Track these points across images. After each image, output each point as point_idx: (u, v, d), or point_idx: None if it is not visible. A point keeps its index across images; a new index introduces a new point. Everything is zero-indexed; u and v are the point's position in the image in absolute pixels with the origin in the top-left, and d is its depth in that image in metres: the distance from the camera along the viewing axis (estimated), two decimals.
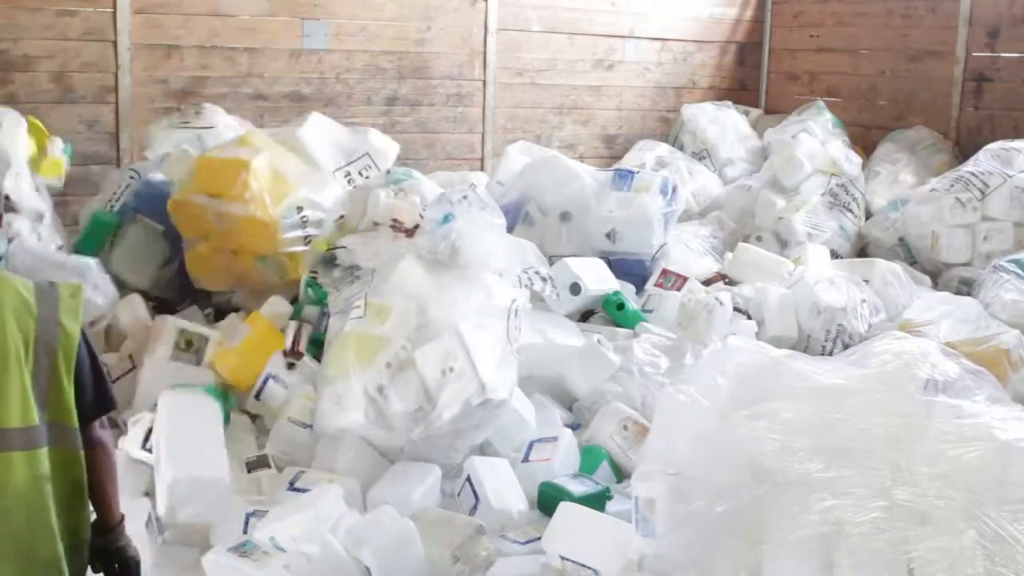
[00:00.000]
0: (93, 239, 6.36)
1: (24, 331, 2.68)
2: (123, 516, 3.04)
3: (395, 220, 5.31)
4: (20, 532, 2.66)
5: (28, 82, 7.52)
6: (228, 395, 4.99)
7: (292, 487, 4.51)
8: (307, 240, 5.90)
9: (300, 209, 5.91)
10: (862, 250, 8.14)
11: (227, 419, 4.88)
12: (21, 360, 2.66)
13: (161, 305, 6.46)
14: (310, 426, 4.83)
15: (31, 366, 2.68)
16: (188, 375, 5.14)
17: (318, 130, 6.49)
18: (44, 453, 2.70)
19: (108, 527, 2.98)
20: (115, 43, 7.74)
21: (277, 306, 5.54)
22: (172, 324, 5.39)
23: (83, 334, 2.83)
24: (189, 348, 5.37)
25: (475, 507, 4.52)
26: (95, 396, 2.89)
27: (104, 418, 2.97)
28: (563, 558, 3.99)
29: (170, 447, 4.28)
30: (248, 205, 5.77)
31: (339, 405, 4.66)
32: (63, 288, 2.84)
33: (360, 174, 6.37)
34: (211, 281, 5.99)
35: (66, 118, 7.61)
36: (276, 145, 6.17)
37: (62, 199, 7.56)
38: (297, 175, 6.04)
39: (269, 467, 4.76)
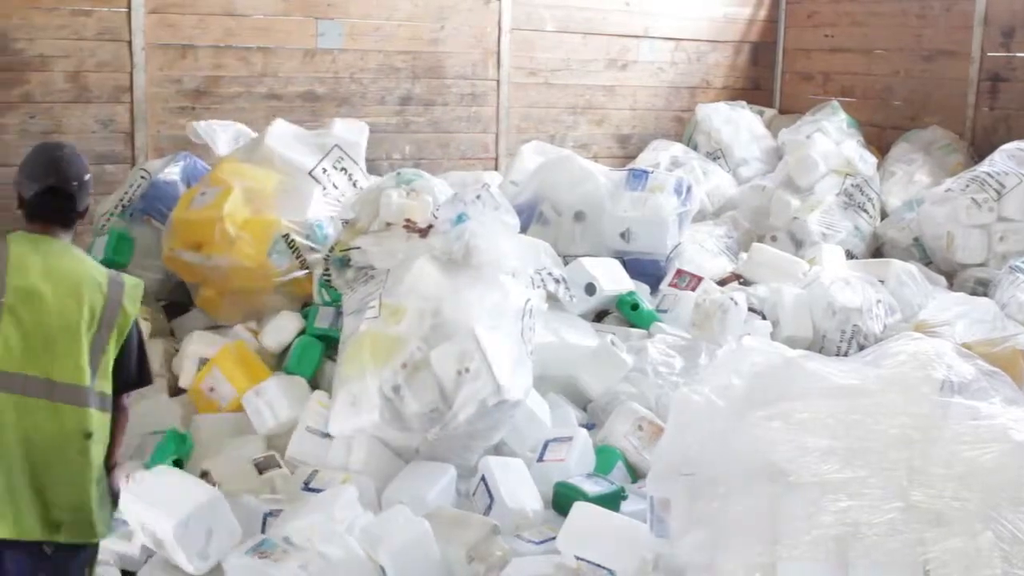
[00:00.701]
0: (120, 251, 6.35)
1: (93, 307, 3.26)
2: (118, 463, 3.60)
3: (408, 220, 5.32)
4: (55, 479, 3.19)
5: (43, 82, 7.54)
6: (186, 437, 4.98)
7: (307, 487, 4.53)
8: (303, 263, 5.91)
9: (287, 237, 5.91)
10: (877, 250, 8.12)
11: (188, 457, 4.89)
12: (85, 330, 3.22)
13: (170, 307, 6.50)
14: (328, 435, 4.84)
15: (91, 336, 3.24)
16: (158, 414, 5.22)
17: (283, 135, 6.48)
18: (91, 414, 3.25)
19: (108, 469, 3.51)
20: (130, 43, 7.76)
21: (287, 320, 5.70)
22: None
23: (136, 319, 3.44)
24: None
25: (490, 507, 4.53)
26: (137, 371, 3.52)
27: None
28: (578, 558, 3.99)
29: (151, 512, 4.02)
30: (232, 255, 5.79)
31: (355, 406, 4.66)
32: (127, 279, 3.45)
33: (335, 167, 6.38)
34: (226, 317, 6.01)
35: (81, 117, 7.64)
36: (249, 168, 6.17)
37: None
38: (276, 198, 6.02)
39: (280, 467, 4.78)
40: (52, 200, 3.37)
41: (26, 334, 3.16)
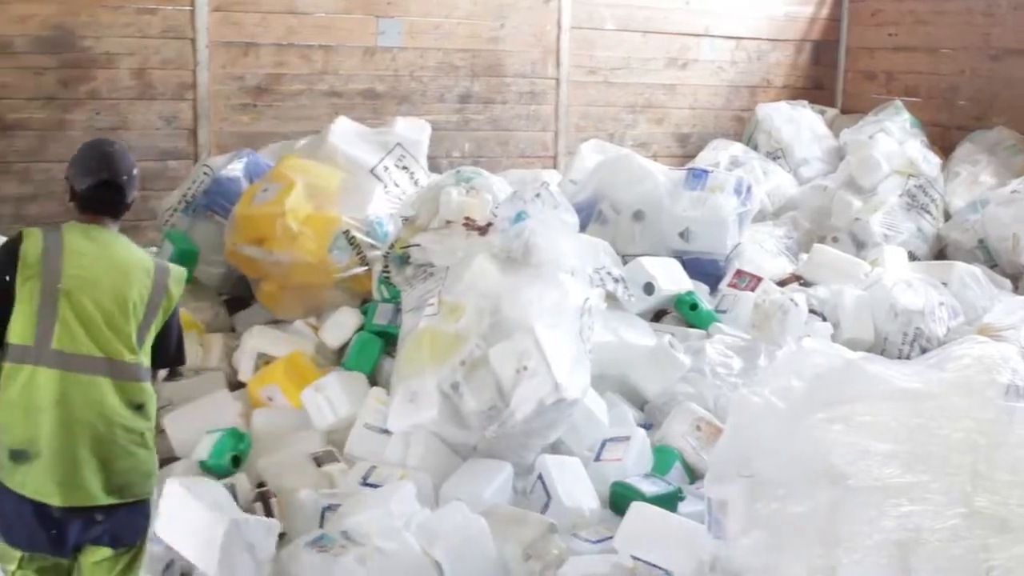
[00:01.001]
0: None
1: (142, 291, 3.51)
2: None
3: (467, 218, 5.33)
4: (117, 447, 3.44)
5: (109, 79, 7.64)
6: (244, 436, 5.02)
7: (365, 482, 4.55)
8: (363, 260, 5.95)
9: (348, 234, 5.96)
10: (940, 252, 8.01)
11: (245, 455, 4.92)
12: (134, 311, 3.48)
13: (231, 301, 6.56)
14: (387, 431, 4.86)
15: (140, 317, 3.50)
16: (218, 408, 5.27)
17: (346, 132, 6.53)
18: (142, 387, 3.52)
19: None
20: (193, 40, 7.84)
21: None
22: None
23: (178, 303, 3.68)
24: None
25: (547, 505, 4.53)
26: (175, 351, 3.77)
27: None
28: (634, 558, 3.99)
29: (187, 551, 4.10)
30: (293, 250, 5.85)
31: (413, 402, 4.68)
32: (171, 266, 3.72)
33: (396, 165, 6.41)
34: (286, 312, 6.07)
35: (145, 114, 7.74)
36: (311, 165, 6.23)
37: (141, 193, 7.67)
38: (338, 195, 6.08)
39: (338, 462, 4.81)
40: (104, 193, 3.58)
41: (83, 318, 3.39)
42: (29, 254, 3.41)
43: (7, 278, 3.38)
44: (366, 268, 5.93)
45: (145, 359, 3.56)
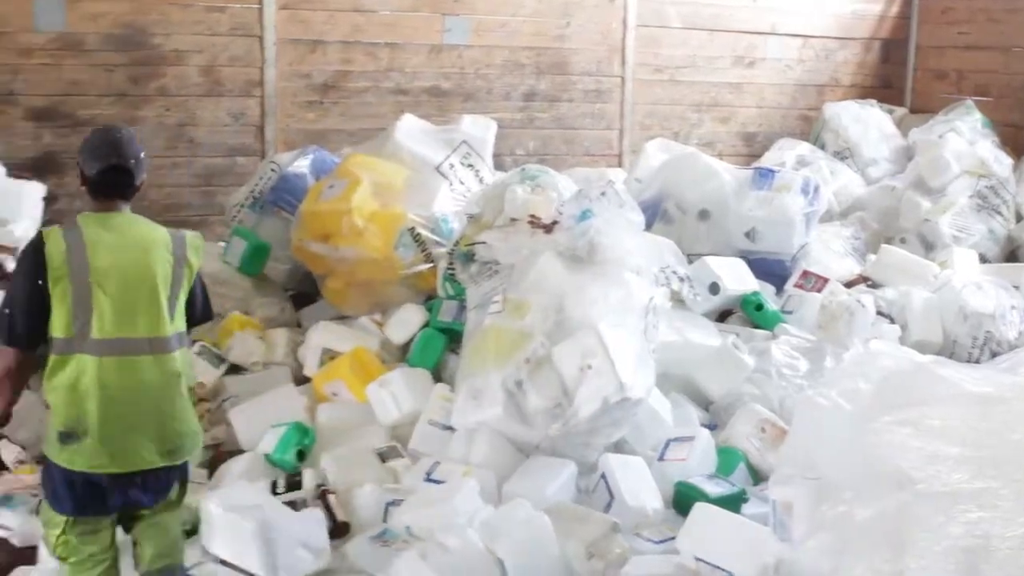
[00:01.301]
0: (254, 263, 6.54)
1: (164, 266, 3.67)
2: None
3: (532, 216, 5.33)
4: (166, 415, 3.65)
5: (178, 76, 7.74)
6: (309, 431, 5.08)
7: (428, 478, 4.58)
8: (428, 257, 5.98)
9: (413, 231, 5.99)
10: (1012, 254, 7.88)
11: (309, 450, 4.98)
12: (162, 287, 3.65)
13: (297, 297, 6.62)
14: (451, 428, 4.88)
15: (168, 291, 3.66)
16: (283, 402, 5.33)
17: (412, 130, 6.56)
18: (176, 355, 3.69)
19: None
20: (261, 38, 7.91)
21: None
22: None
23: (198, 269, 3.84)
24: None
25: (609, 504, 4.52)
26: (203, 309, 3.95)
27: None
28: (698, 559, 3.97)
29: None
30: (359, 247, 5.89)
31: (477, 399, 4.70)
32: (187, 234, 3.84)
33: (462, 163, 6.43)
34: (352, 308, 6.12)
35: (214, 111, 7.83)
36: (377, 162, 6.26)
37: (208, 189, 7.81)
38: (404, 192, 6.13)
39: (402, 457, 4.84)
40: (114, 177, 3.70)
41: (116, 303, 3.56)
42: (54, 255, 3.54)
43: (39, 281, 3.53)
44: (431, 265, 5.96)
45: (179, 324, 3.74)
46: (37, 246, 3.58)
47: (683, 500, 4.54)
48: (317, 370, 5.67)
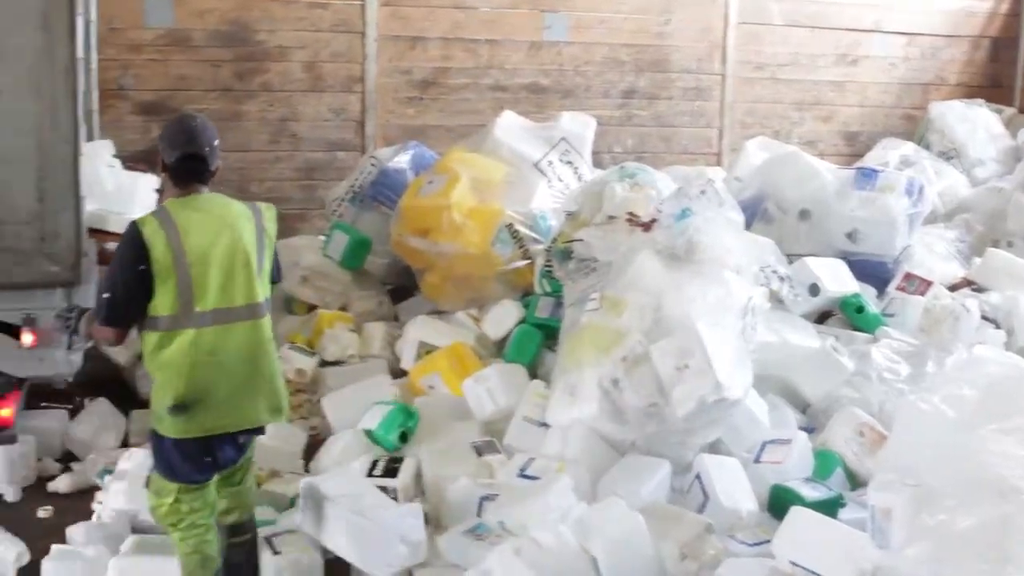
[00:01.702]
0: (356, 257, 6.63)
1: (249, 237, 3.88)
2: None
3: (631, 214, 5.31)
4: (266, 375, 3.92)
5: (282, 71, 7.86)
6: (414, 413, 5.12)
7: (523, 474, 4.58)
8: (526, 253, 5.99)
9: (511, 227, 6.01)
10: None
11: (413, 432, 5.03)
12: (252, 257, 3.86)
13: (395, 291, 6.68)
14: (546, 424, 4.89)
15: (256, 261, 3.88)
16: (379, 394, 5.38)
17: (511, 126, 6.58)
18: (268, 319, 3.94)
19: None
20: (363, 34, 8.01)
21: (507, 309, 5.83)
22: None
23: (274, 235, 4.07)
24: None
25: (704, 505, 4.49)
26: (277, 273, 4.14)
27: None
28: (793, 563, 3.91)
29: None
30: (458, 242, 5.95)
31: (573, 396, 4.70)
32: (261, 205, 4.06)
33: (561, 160, 6.43)
34: (449, 303, 6.19)
35: (316, 106, 7.94)
36: (477, 158, 6.29)
37: (309, 183, 7.92)
38: (502, 188, 6.17)
39: (498, 452, 4.86)
40: (191, 164, 3.90)
41: (213, 277, 3.79)
42: (153, 241, 3.73)
43: (140, 267, 3.72)
44: (528, 261, 5.98)
45: (267, 292, 3.99)
46: (135, 235, 3.76)
47: (779, 503, 4.49)
48: (414, 364, 5.73)
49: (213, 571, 3.92)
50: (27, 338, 4.91)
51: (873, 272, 6.38)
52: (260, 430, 4.05)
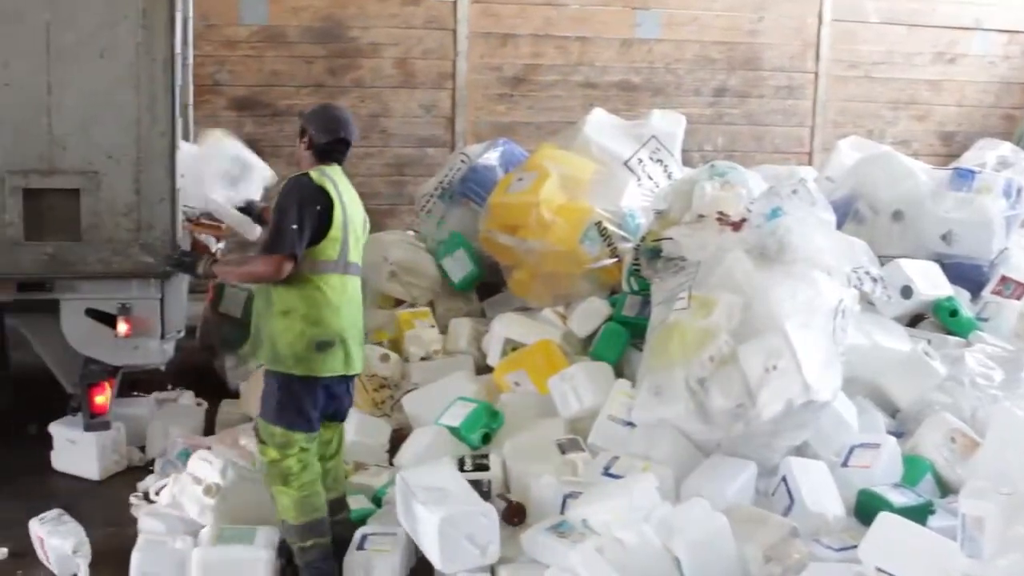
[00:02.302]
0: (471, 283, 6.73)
1: (363, 212, 4.59)
2: None
3: (721, 213, 5.27)
4: (362, 328, 4.55)
5: (374, 68, 7.95)
6: (499, 414, 5.15)
7: (606, 472, 4.58)
8: (614, 251, 5.98)
9: (599, 225, 6.00)
10: None
11: (494, 433, 5.08)
12: (366, 226, 4.61)
13: (482, 288, 6.71)
14: (631, 424, 4.88)
15: (366, 230, 4.61)
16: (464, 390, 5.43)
17: (601, 124, 6.55)
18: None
19: None
20: (454, 31, 8.07)
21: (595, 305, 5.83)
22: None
23: None
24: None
25: (789, 508, 4.44)
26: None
27: None
28: (879, 570, 3.85)
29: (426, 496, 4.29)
30: (546, 239, 5.95)
31: (659, 395, 4.68)
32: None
33: (651, 158, 6.39)
34: (535, 299, 6.20)
35: (406, 102, 8.02)
36: (566, 155, 6.28)
37: (399, 179, 8.00)
38: (592, 186, 6.15)
39: (582, 450, 4.85)
40: (341, 147, 4.51)
41: (352, 235, 4.41)
42: (330, 191, 4.32)
43: (318, 208, 4.27)
44: (616, 260, 5.97)
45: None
46: (315, 186, 4.32)
47: (866, 508, 4.43)
48: (499, 360, 5.75)
49: (319, 518, 4.30)
50: (122, 327, 5.05)
51: (967, 275, 6.25)
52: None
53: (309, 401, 4.30)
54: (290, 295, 4.29)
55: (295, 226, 4.24)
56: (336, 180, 4.39)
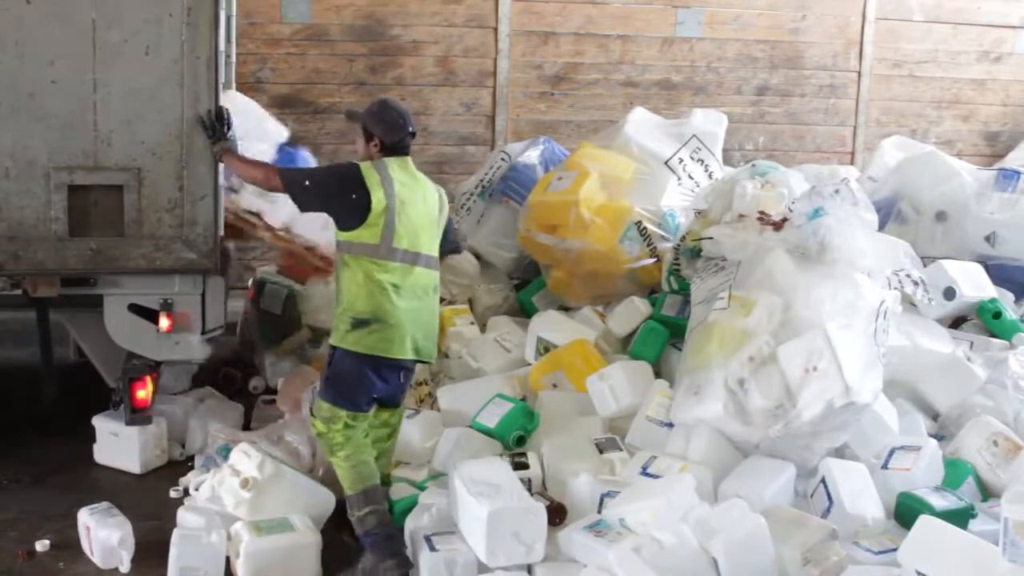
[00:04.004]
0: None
1: (435, 204, 4.71)
2: None
3: (762, 212, 5.25)
4: (428, 317, 4.65)
5: (415, 66, 7.98)
6: (535, 415, 5.15)
7: (644, 472, 4.57)
8: (653, 251, 5.96)
9: (639, 224, 5.98)
10: None
11: (530, 435, 5.07)
12: (438, 218, 4.72)
13: (521, 286, 6.71)
14: (669, 424, 4.87)
15: (439, 222, 4.73)
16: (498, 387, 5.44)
17: (642, 123, 6.53)
18: (437, 273, 4.69)
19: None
20: (495, 29, 8.08)
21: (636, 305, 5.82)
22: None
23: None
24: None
25: (828, 510, 4.42)
26: (455, 241, 5.15)
27: None
28: (919, 573, 3.83)
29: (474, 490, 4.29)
30: (585, 238, 5.93)
31: (698, 395, 4.66)
32: (438, 186, 4.83)
33: (692, 158, 6.37)
34: (574, 299, 6.21)
35: (447, 100, 8.04)
36: (606, 155, 6.27)
37: (439, 176, 8.00)
38: (632, 186, 6.13)
39: (620, 450, 4.85)
40: (408, 140, 4.65)
41: (409, 225, 4.50)
42: (371, 180, 4.43)
43: (353, 196, 4.41)
44: (656, 259, 5.95)
45: (438, 251, 4.73)
46: (356, 172, 4.46)
47: (906, 512, 4.40)
48: (534, 358, 5.75)
49: (373, 486, 4.44)
50: (164, 322, 5.10)
51: (1012, 277, 6.20)
52: (412, 370, 4.74)
53: (355, 380, 4.48)
54: (343, 274, 4.52)
55: (308, 183, 4.55)
56: (393, 171, 4.51)
